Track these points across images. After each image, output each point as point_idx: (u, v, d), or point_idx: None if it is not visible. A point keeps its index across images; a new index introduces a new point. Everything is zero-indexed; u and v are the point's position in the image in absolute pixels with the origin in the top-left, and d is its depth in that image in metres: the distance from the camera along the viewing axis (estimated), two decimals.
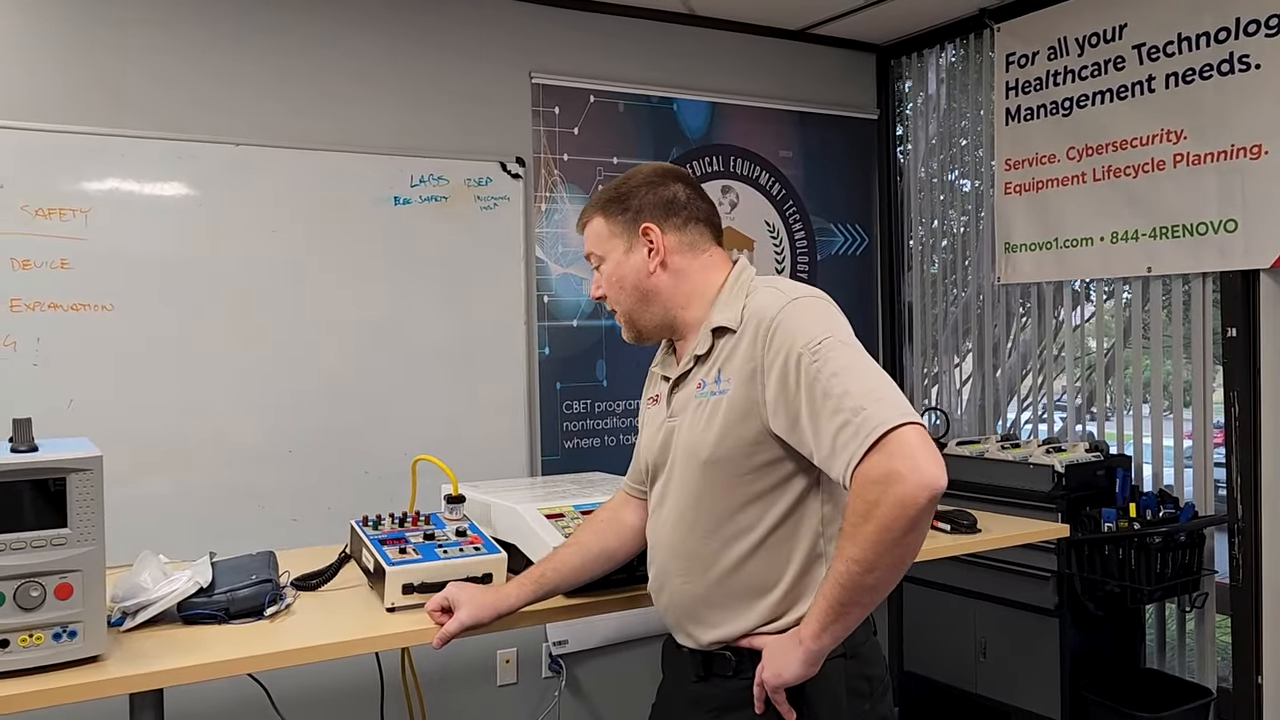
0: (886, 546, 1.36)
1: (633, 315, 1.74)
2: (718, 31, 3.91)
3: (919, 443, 1.36)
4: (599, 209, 1.76)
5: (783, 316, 1.52)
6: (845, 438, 1.40)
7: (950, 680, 3.54)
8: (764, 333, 1.53)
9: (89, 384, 2.85)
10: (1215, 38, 3.11)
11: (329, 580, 2.05)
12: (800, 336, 1.49)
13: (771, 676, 1.52)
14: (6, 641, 1.51)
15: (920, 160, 4.22)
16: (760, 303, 1.58)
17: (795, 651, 1.50)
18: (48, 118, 2.83)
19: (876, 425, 1.36)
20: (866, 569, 1.39)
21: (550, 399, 3.56)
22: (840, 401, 1.41)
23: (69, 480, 1.55)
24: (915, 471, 1.34)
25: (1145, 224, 3.31)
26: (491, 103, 3.48)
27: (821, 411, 1.43)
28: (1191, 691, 3.14)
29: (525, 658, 3.50)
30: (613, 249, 1.73)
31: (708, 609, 1.61)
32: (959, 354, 4.12)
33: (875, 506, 1.35)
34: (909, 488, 1.33)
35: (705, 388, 1.61)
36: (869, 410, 1.38)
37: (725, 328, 1.61)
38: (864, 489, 1.37)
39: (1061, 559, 3.14)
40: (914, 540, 1.38)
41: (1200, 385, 3.23)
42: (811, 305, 1.55)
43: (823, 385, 1.44)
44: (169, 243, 2.97)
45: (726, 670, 1.61)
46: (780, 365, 1.50)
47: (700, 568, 1.61)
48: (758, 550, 1.57)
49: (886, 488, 1.34)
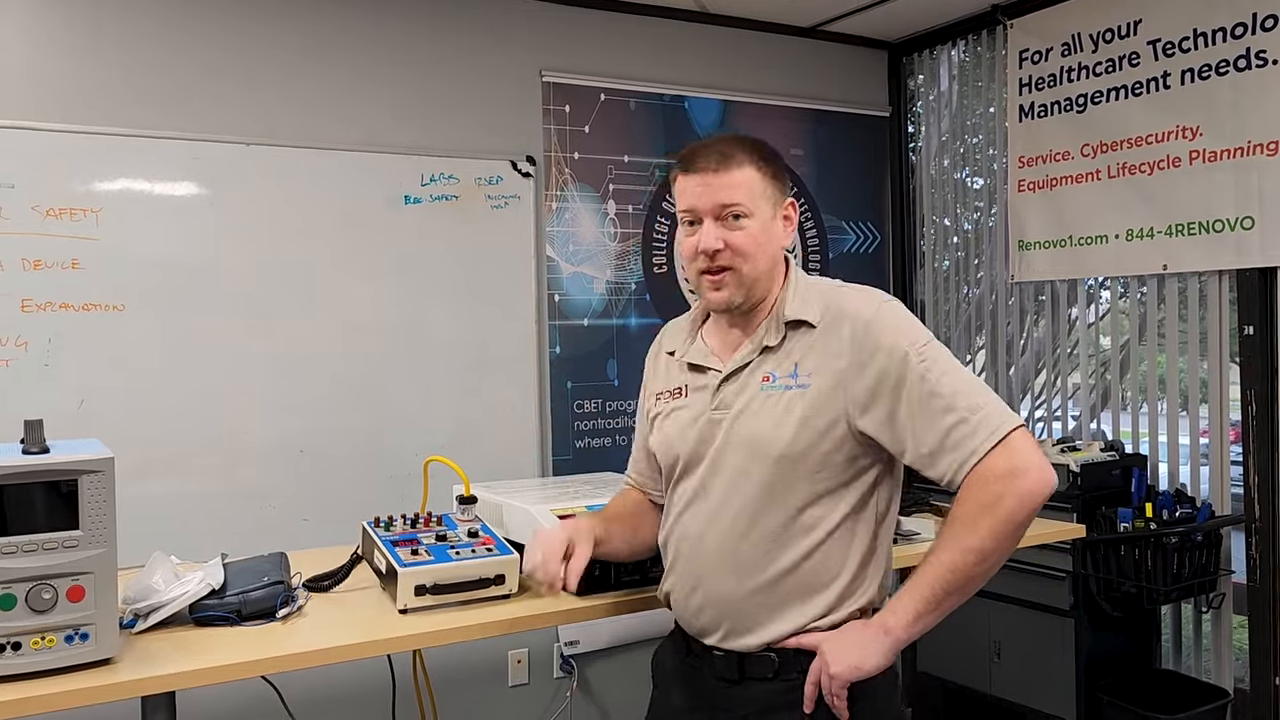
0: (1005, 537, 1.44)
1: (757, 282, 1.61)
2: (729, 29, 3.89)
3: (1033, 443, 1.47)
4: (756, 159, 1.62)
5: (880, 315, 1.54)
6: (961, 435, 1.46)
7: (965, 681, 3.52)
8: (860, 330, 1.53)
9: (100, 384, 2.85)
10: (1231, 33, 3.08)
11: (341, 581, 2.04)
12: (904, 336, 1.52)
13: (848, 669, 1.48)
14: (19, 644, 1.50)
15: (932, 157, 4.20)
16: (846, 301, 1.58)
17: (881, 642, 1.48)
18: (58, 118, 2.83)
19: (1000, 424, 1.45)
20: (981, 558, 1.44)
21: (561, 398, 3.55)
22: (952, 400, 1.47)
23: (81, 482, 1.54)
24: (1038, 468, 1.44)
25: (1161, 221, 3.28)
26: (502, 101, 3.48)
27: (928, 409, 1.48)
28: (1208, 693, 3.12)
29: (537, 658, 3.49)
30: (763, 208, 1.61)
31: (757, 609, 1.56)
32: (971, 352, 4.09)
33: (1000, 499, 1.43)
34: (1032, 482, 1.43)
35: (776, 380, 1.57)
36: (988, 410, 1.46)
37: (805, 321, 1.58)
38: (987, 483, 1.44)
39: (1077, 559, 3.12)
40: (1024, 532, 1.47)
41: (1217, 383, 3.20)
42: (903, 308, 1.59)
43: (930, 384, 1.48)
44: (180, 243, 2.96)
45: (766, 672, 1.56)
46: (881, 363, 1.51)
47: (755, 567, 1.56)
48: (820, 548, 1.55)
49: (1012, 482, 1.43)
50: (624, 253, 3.69)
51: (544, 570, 1.67)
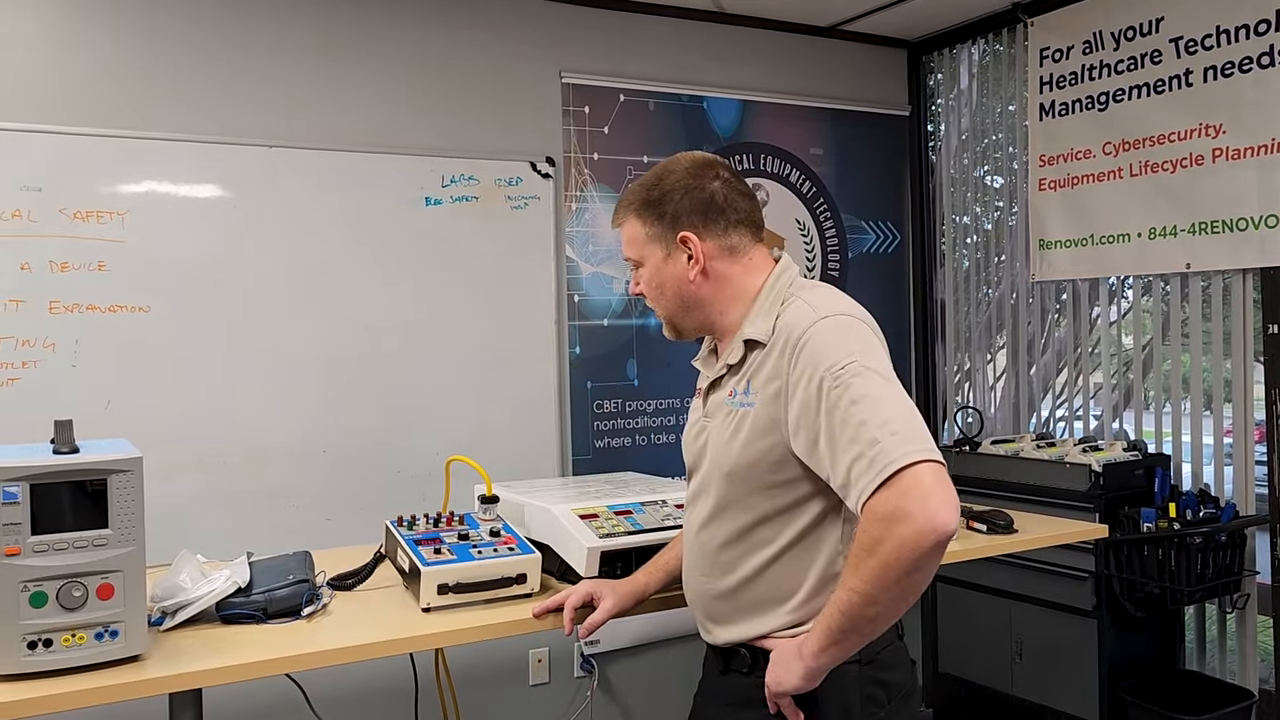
0: (888, 584, 1.33)
1: (673, 319, 1.70)
2: (748, 29, 3.89)
3: (933, 483, 1.31)
4: (634, 211, 1.67)
5: (809, 335, 1.48)
6: (859, 469, 1.36)
7: (986, 682, 3.51)
8: (790, 350, 1.49)
9: (127, 385, 2.88)
10: (1255, 30, 3.06)
11: (364, 580, 2.06)
12: (824, 359, 1.44)
13: (773, 683, 1.52)
14: (50, 640, 1.52)
15: (952, 156, 4.19)
16: (790, 317, 1.53)
17: (795, 664, 1.48)
18: (84, 121, 2.86)
19: (890, 461, 1.32)
20: (867, 601, 1.36)
21: (581, 398, 3.56)
22: (857, 432, 1.37)
23: (110, 481, 1.56)
24: (924, 514, 1.29)
25: (1184, 220, 3.26)
26: (521, 102, 3.49)
27: (839, 440, 1.40)
28: (1233, 694, 3.10)
29: (557, 658, 3.50)
30: (650, 254, 1.66)
31: (726, 610, 1.62)
32: (992, 351, 4.08)
33: (879, 543, 1.32)
34: (915, 529, 1.29)
35: (735, 397, 1.58)
36: (884, 444, 1.34)
37: (756, 340, 1.57)
38: (870, 524, 1.34)
39: (1099, 559, 3.10)
40: (918, 580, 1.34)
41: (1240, 382, 3.18)
42: (839, 325, 1.49)
43: (841, 413, 1.40)
44: (204, 244, 2.99)
45: (743, 667, 1.61)
46: (803, 387, 1.46)
47: (720, 571, 1.61)
48: (774, 564, 1.55)
49: (892, 526, 1.31)
50: None
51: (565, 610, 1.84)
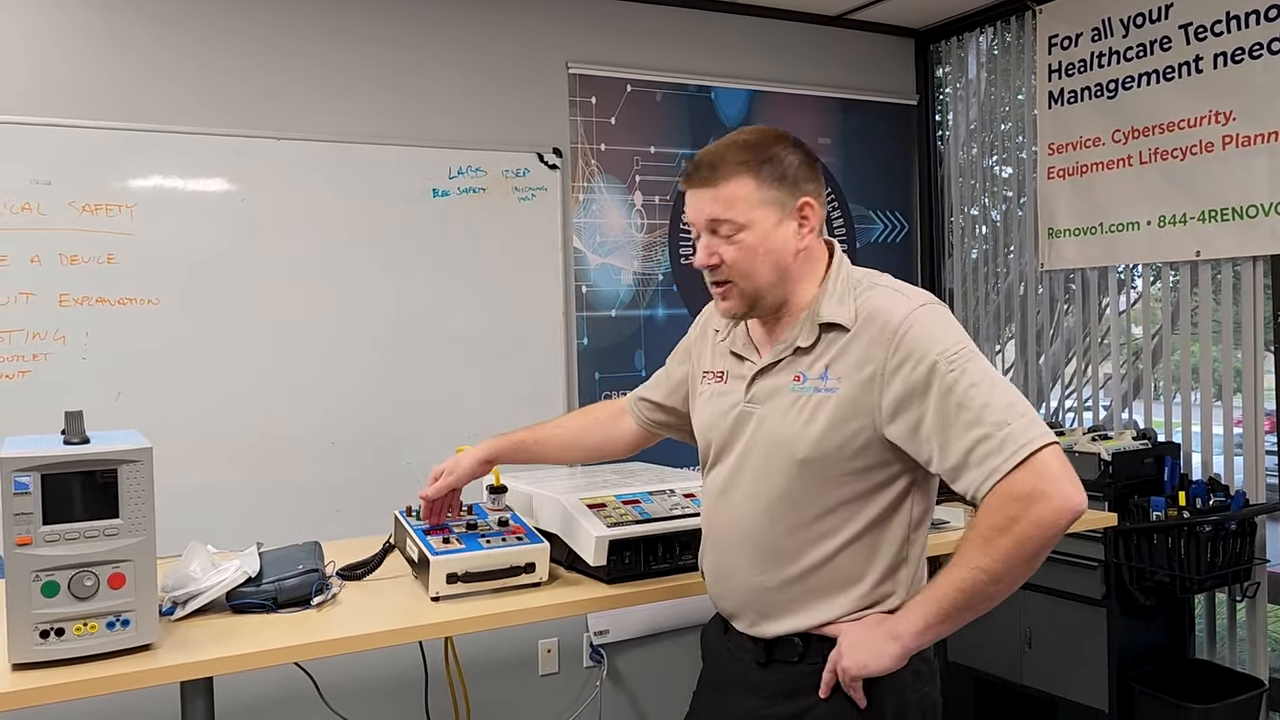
0: (1019, 561, 1.39)
1: (759, 293, 1.57)
2: (754, 19, 3.88)
3: (1061, 464, 1.38)
4: (750, 169, 1.54)
5: (911, 321, 1.48)
6: (985, 451, 1.39)
7: (996, 671, 3.50)
8: (889, 336, 1.48)
9: (136, 377, 2.89)
10: (1265, 15, 3.03)
11: (374, 570, 2.07)
12: (935, 344, 1.45)
13: (856, 667, 1.49)
14: (62, 629, 1.54)
15: (960, 145, 4.17)
16: (880, 303, 1.52)
17: (889, 646, 1.47)
18: (93, 115, 2.87)
19: (1025, 442, 1.38)
20: (993, 579, 1.40)
21: (589, 389, 3.56)
22: (980, 414, 1.40)
23: (120, 471, 1.57)
24: (1060, 494, 1.36)
25: (1194, 207, 3.24)
26: (528, 93, 3.49)
27: (955, 422, 1.42)
28: (1243, 683, 3.09)
29: (566, 648, 3.51)
30: (760, 218, 1.54)
31: (783, 600, 1.57)
32: (1001, 341, 4.07)
33: (1015, 522, 1.37)
34: (1054, 509, 1.36)
35: (806, 381, 1.54)
36: (1014, 426, 1.39)
37: (838, 324, 1.53)
38: (1005, 504, 1.38)
39: (1109, 548, 3.10)
40: (1042, 558, 1.40)
41: (1251, 371, 3.16)
42: (941, 313, 1.52)
43: (958, 396, 1.42)
44: (213, 236, 3.00)
45: (791, 656, 1.57)
46: (907, 371, 1.46)
47: (779, 562, 1.56)
48: (842, 551, 1.53)
49: (1029, 505, 1.36)
50: (651, 244, 3.69)
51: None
